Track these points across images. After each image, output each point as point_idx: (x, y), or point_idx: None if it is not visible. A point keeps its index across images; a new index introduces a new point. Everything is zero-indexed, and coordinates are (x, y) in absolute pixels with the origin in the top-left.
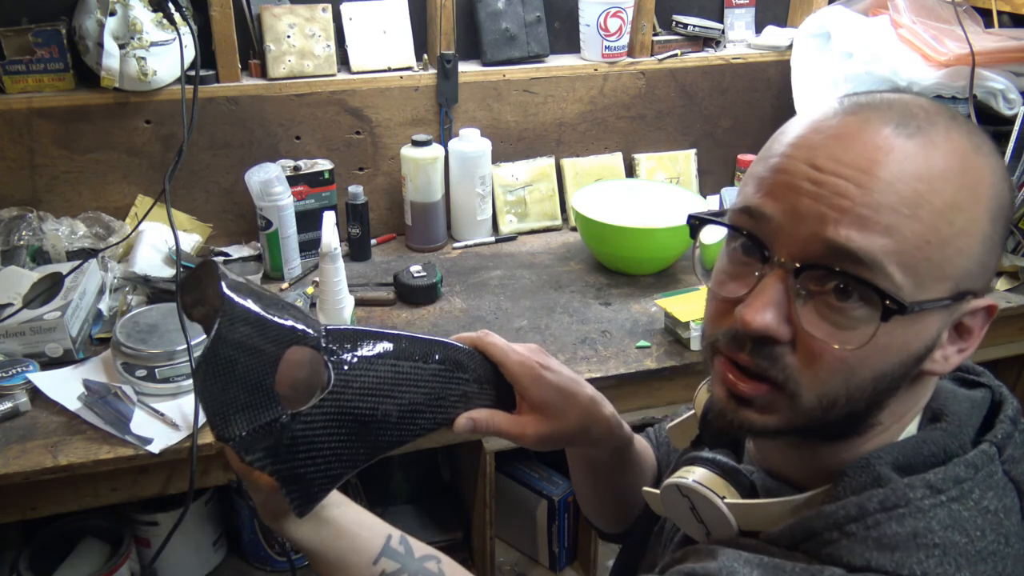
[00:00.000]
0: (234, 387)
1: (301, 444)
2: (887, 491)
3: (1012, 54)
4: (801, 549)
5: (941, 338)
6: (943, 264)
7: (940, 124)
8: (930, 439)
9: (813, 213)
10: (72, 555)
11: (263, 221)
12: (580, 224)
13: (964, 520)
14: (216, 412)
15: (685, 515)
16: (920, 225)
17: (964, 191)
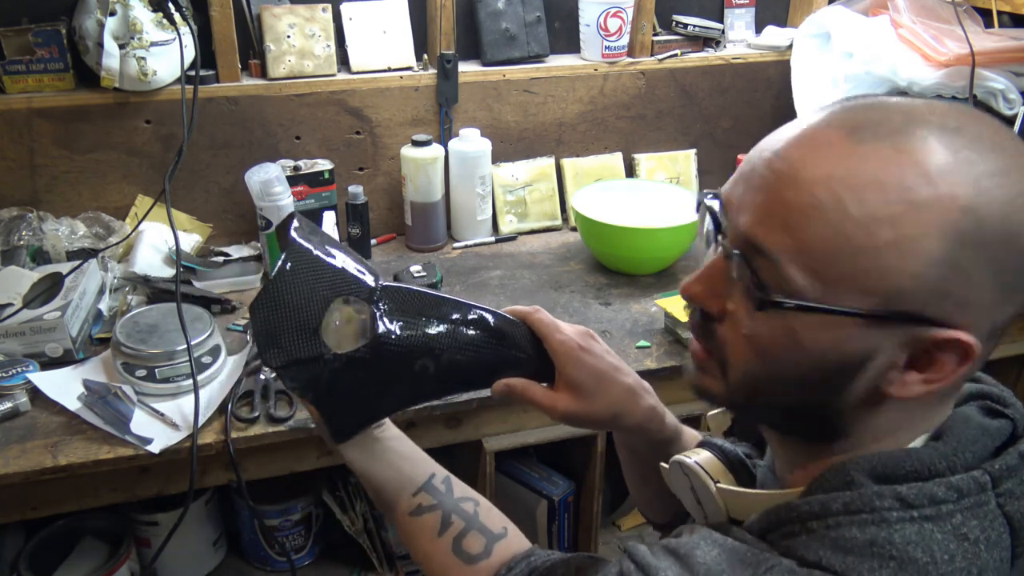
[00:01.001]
0: (284, 319)
1: (340, 383)
2: (853, 495)
3: (1012, 54)
4: (768, 538)
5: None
6: (859, 275)
7: (915, 133)
8: (915, 455)
9: (743, 203)
10: (72, 555)
11: (263, 221)
12: (580, 224)
13: (934, 541)
14: (263, 339)
15: (687, 494)
16: (828, 230)
17: (904, 204)
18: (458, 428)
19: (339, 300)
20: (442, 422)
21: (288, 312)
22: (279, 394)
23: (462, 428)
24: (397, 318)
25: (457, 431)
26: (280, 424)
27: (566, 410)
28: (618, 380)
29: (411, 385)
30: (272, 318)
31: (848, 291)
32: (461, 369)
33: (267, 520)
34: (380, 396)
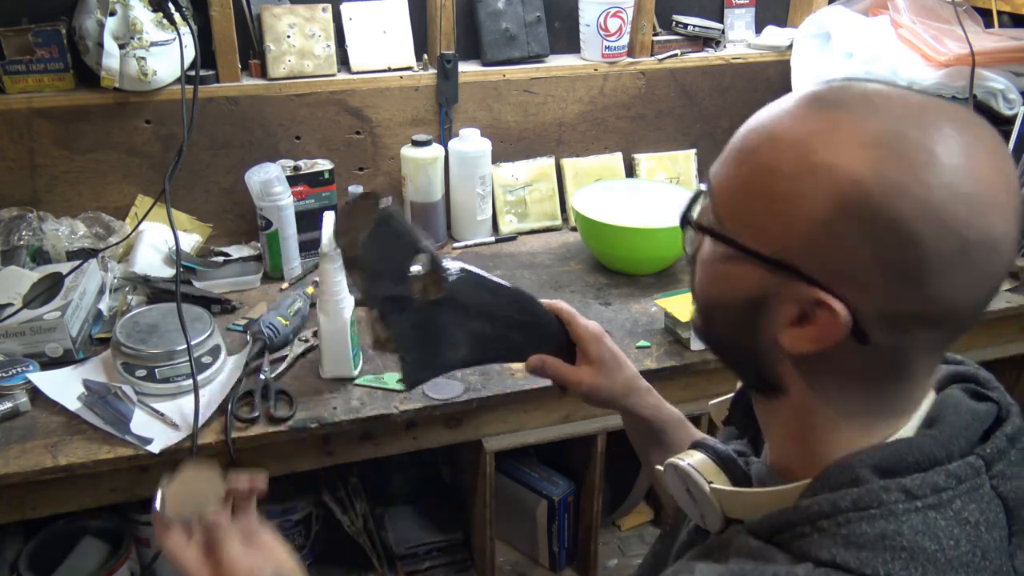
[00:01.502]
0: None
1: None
2: (861, 491)
3: (1012, 54)
4: (775, 540)
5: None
6: (755, 218)
7: (852, 109)
8: (916, 445)
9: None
10: (72, 555)
11: (263, 221)
12: (580, 224)
13: (939, 528)
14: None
15: (684, 496)
16: (742, 170)
17: (805, 164)
18: (458, 428)
19: (422, 255)
20: (442, 422)
21: (387, 254)
22: (279, 394)
23: (462, 428)
24: (465, 285)
25: (457, 431)
26: (280, 424)
27: (590, 383)
28: (628, 364)
29: (470, 344)
30: (376, 259)
31: (746, 229)
32: (508, 338)
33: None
34: (446, 347)
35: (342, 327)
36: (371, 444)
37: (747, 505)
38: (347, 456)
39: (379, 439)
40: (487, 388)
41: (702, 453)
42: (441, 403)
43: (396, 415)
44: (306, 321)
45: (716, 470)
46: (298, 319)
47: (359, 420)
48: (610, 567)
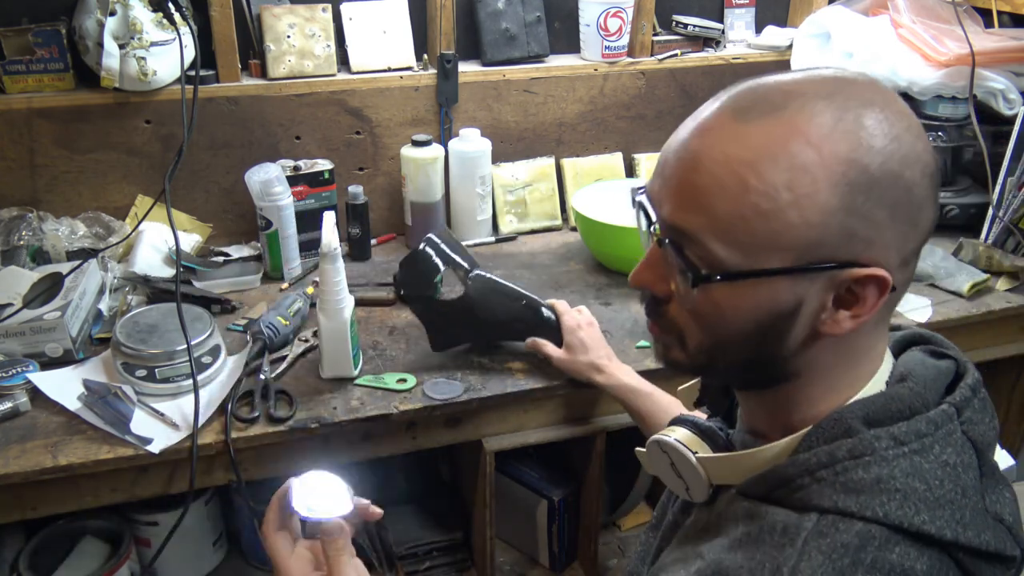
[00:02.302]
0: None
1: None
2: (855, 441)
3: (1012, 54)
4: (774, 497)
5: (814, 303)
6: (771, 236)
7: (792, 107)
8: (896, 397)
9: (661, 194)
10: (72, 555)
11: (263, 221)
12: (580, 224)
13: (924, 471)
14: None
15: (667, 472)
16: (735, 204)
17: (794, 169)
18: (458, 428)
19: (448, 268)
20: (442, 422)
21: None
22: (279, 394)
23: (462, 428)
24: (478, 288)
25: (457, 431)
26: (280, 424)
27: (561, 358)
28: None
29: (480, 327)
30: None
31: (766, 253)
32: (510, 325)
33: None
34: (461, 327)
35: (342, 327)
36: (371, 444)
37: (734, 469)
38: (347, 456)
39: (379, 439)
40: (487, 388)
41: (683, 428)
42: (441, 403)
43: (396, 415)
44: (306, 321)
45: (699, 441)
46: (298, 319)
47: (359, 420)
48: (610, 567)
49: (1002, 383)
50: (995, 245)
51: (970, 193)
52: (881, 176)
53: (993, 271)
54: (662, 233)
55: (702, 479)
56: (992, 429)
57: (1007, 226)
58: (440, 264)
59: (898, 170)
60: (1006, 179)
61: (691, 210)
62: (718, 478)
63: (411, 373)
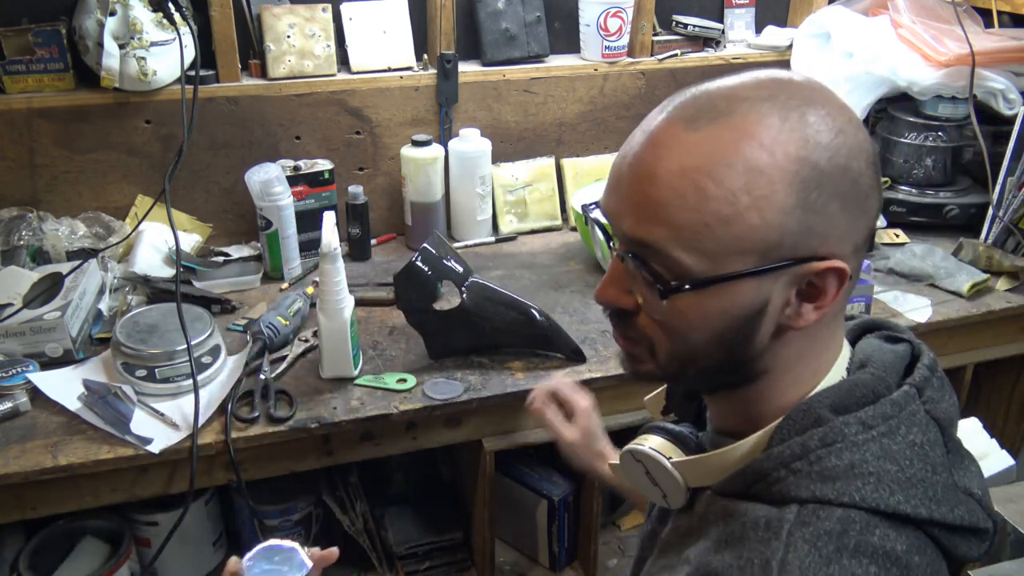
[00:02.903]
0: (411, 288)
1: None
2: (825, 429)
3: (1012, 54)
4: (752, 492)
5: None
6: (733, 241)
7: (739, 111)
8: (860, 383)
9: (619, 210)
10: (72, 555)
11: (263, 221)
12: (580, 224)
13: (894, 452)
14: (399, 296)
15: (643, 480)
16: (695, 214)
17: (750, 173)
18: (458, 428)
19: (442, 281)
20: (442, 422)
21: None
22: (279, 394)
23: (462, 428)
24: (472, 298)
25: (457, 431)
26: (280, 424)
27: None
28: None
29: (476, 335)
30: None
31: (730, 257)
32: (506, 332)
33: (267, 520)
34: (458, 336)
35: (342, 327)
36: (371, 444)
37: (709, 470)
38: (347, 456)
39: (379, 439)
40: (487, 388)
41: (655, 435)
42: (441, 403)
43: (396, 415)
44: (306, 321)
45: (671, 447)
46: (298, 319)
47: (359, 420)
48: (610, 567)
49: (1002, 383)
50: (995, 245)
51: (970, 193)
52: (831, 170)
53: (993, 271)
54: (623, 248)
55: (679, 484)
56: (952, 406)
57: (1007, 226)
58: (434, 277)
59: (845, 163)
60: (1006, 179)
61: (653, 223)
62: (694, 480)
63: (411, 373)
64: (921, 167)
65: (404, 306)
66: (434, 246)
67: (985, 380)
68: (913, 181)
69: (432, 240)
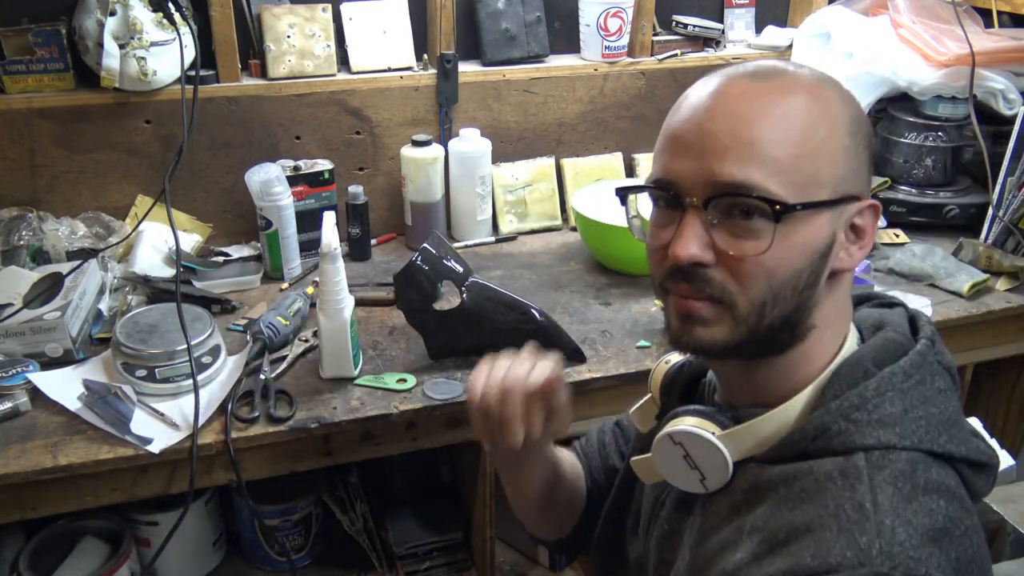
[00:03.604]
0: (411, 288)
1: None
2: (877, 380)
3: (1012, 54)
4: (811, 449)
5: (838, 237)
6: (815, 173)
7: (787, 70)
8: (890, 339)
9: (699, 165)
10: (72, 555)
11: (263, 221)
12: (580, 224)
13: (931, 397)
14: (399, 296)
15: (679, 466)
16: (785, 149)
17: (818, 113)
18: (458, 428)
19: (442, 281)
20: (442, 422)
21: (414, 284)
22: (279, 394)
23: (462, 428)
24: (472, 298)
25: (457, 431)
26: (280, 424)
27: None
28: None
29: (476, 335)
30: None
31: (811, 188)
32: (506, 333)
33: (267, 520)
34: (458, 336)
35: (342, 327)
36: (371, 444)
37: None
38: (347, 456)
39: (379, 439)
40: None
41: (690, 416)
42: (441, 403)
43: (396, 415)
44: (306, 321)
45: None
46: (298, 319)
47: (359, 420)
48: None
49: (1002, 383)
50: (995, 245)
51: (970, 193)
52: (864, 122)
53: (993, 271)
54: (706, 197)
55: (725, 460)
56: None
57: (1007, 226)
58: (434, 277)
59: (867, 119)
60: (1006, 179)
61: (748, 162)
62: (740, 453)
63: (411, 373)
64: (921, 167)
65: (404, 306)
66: (434, 246)
67: (985, 380)
68: (913, 181)
69: (432, 240)
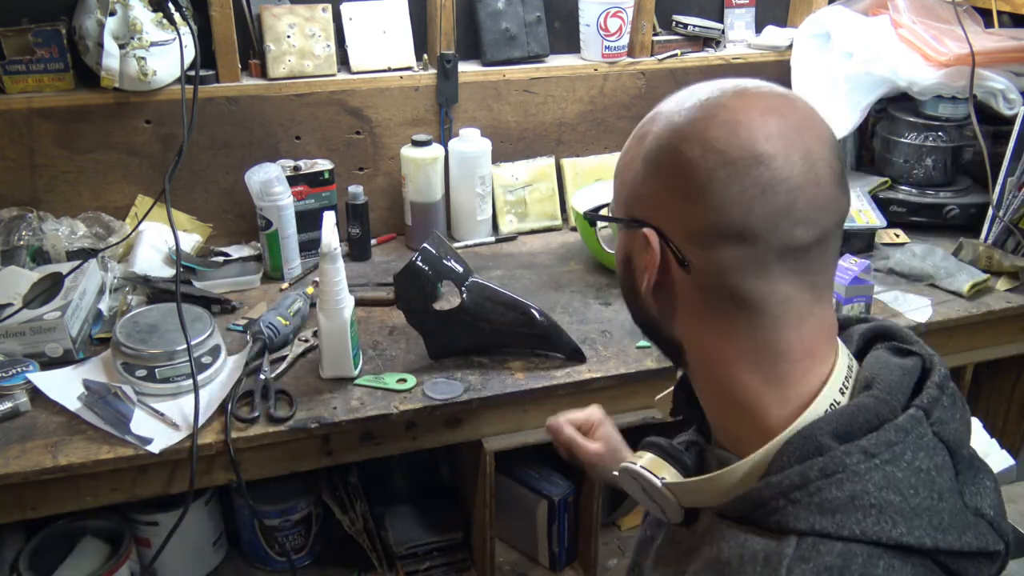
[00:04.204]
0: (411, 288)
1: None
2: (826, 459)
3: (1012, 54)
4: (751, 519)
5: (641, 259)
6: (618, 193)
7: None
8: (863, 407)
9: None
10: (72, 555)
11: (263, 221)
12: (580, 224)
13: (898, 480)
14: (399, 296)
15: (641, 495)
16: (615, 170)
17: (632, 141)
18: (458, 428)
19: (442, 280)
20: (442, 422)
21: (414, 283)
22: (279, 394)
23: (462, 428)
24: (472, 298)
25: (457, 431)
26: (280, 424)
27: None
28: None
29: (476, 335)
30: (406, 286)
31: (617, 206)
32: (506, 332)
33: (267, 520)
34: (458, 336)
35: (342, 327)
36: (371, 444)
37: (705, 493)
38: (347, 456)
39: (379, 439)
40: (487, 388)
41: (650, 452)
42: (441, 403)
43: (396, 415)
44: (306, 321)
45: (665, 465)
46: (298, 319)
47: (359, 420)
48: (610, 567)
49: (1002, 383)
50: (995, 245)
51: (970, 193)
52: (663, 151)
53: (993, 271)
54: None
55: (673, 504)
56: (964, 424)
57: (1007, 226)
58: (434, 277)
59: (679, 150)
60: (1006, 179)
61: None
62: (690, 501)
63: (411, 373)
64: (921, 167)
65: (404, 306)
66: (434, 246)
67: (985, 380)
68: (913, 181)
69: (432, 240)
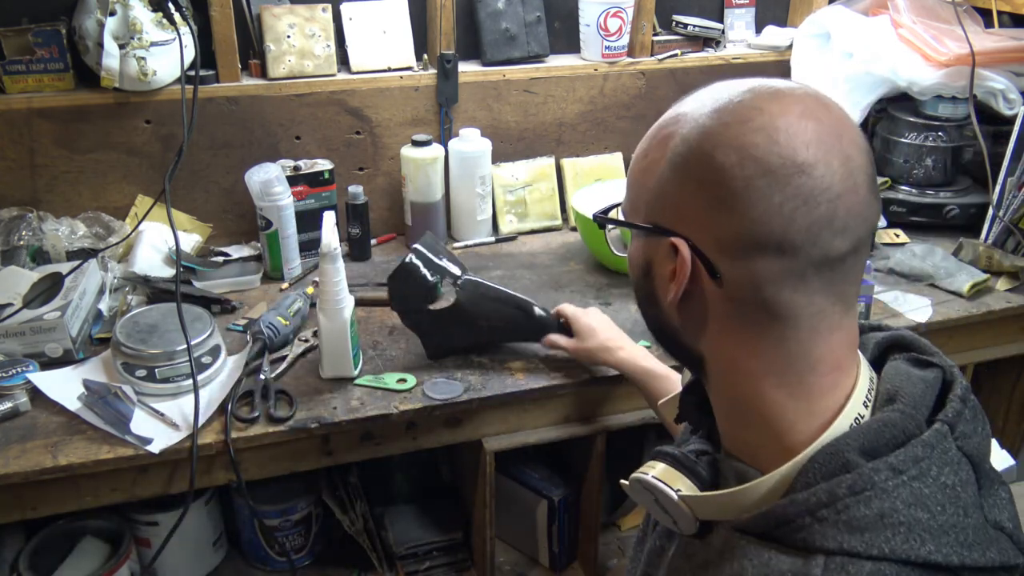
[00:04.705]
0: (405, 289)
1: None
2: (854, 476)
3: (1012, 54)
4: (773, 536)
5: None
6: (637, 197)
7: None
8: (890, 422)
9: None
10: (72, 555)
11: (263, 221)
12: (580, 224)
13: (925, 497)
14: (393, 297)
15: (654, 507)
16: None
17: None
18: (458, 428)
19: (438, 279)
20: (442, 422)
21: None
22: (279, 394)
23: (462, 428)
24: (469, 296)
25: (457, 431)
26: (280, 424)
27: (571, 346)
28: (603, 332)
29: (473, 333)
30: (400, 287)
31: (635, 211)
32: (503, 328)
33: (267, 520)
34: (454, 335)
35: (342, 327)
36: (371, 444)
37: (723, 507)
38: (347, 456)
39: (379, 439)
40: (487, 388)
41: (663, 462)
42: (441, 403)
43: (396, 415)
44: (306, 321)
45: (679, 476)
46: (298, 319)
47: (359, 420)
48: (610, 567)
49: (1002, 383)
50: (995, 245)
51: (970, 193)
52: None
53: (993, 271)
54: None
55: (688, 516)
56: (985, 437)
57: (1007, 226)
58: (428, 276)
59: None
60: (1006, 179)
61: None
62: (706, 514)
63: (411, 373)
64: (921, 167)
65: (399, 307)
66: (427, 246)
67: (985, 380)
68: (913, 181)
69: (425, 240)
